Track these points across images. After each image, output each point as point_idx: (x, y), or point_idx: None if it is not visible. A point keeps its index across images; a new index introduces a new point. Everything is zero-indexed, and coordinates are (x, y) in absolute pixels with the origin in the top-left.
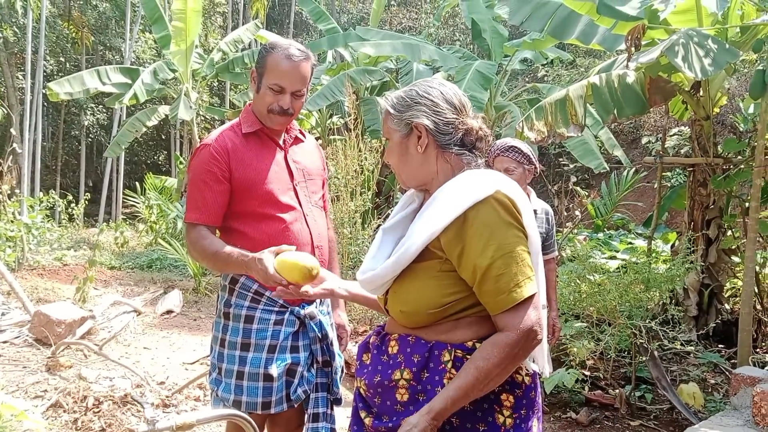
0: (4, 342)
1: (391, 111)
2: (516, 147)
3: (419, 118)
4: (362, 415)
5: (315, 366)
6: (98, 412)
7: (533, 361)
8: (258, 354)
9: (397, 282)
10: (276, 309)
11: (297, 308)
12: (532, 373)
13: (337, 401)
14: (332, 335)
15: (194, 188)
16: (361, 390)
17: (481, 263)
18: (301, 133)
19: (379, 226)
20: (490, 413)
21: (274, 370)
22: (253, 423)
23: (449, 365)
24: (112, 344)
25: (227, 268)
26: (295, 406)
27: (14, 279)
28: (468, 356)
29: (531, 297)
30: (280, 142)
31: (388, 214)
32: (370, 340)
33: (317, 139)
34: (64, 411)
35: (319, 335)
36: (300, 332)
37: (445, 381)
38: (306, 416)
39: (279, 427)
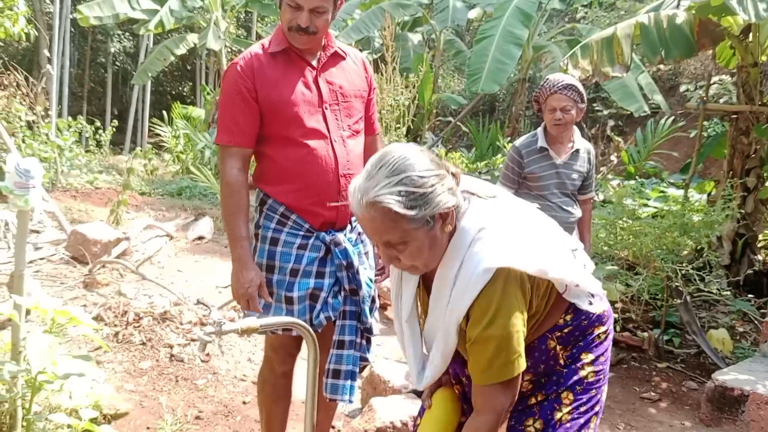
0: (42, 259)
1: (408, 214)
2: (573, 85)
3: (446, 203)
4: None
5: (342, 293)
6: (138, 326)
7: (590, 303)
8: (281, 276)
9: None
10: (302, 233)
11: (323, 234)
12: (599, 314)
13: (368, 330)
14: (359, 264)
15: (225, 109)
16: None
17: (471, 334)
18: (341, 50)
19: None
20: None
21: (296, 293)
22: (312, 333)
23: (557, 346)
24: (147, 266)
25: (229, 220)
26: (319, 331)
27: (51, 198)
28: (566, 330)
29: (504, 381)
30: (313, 62)
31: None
32: None
33: None
34: (105, 324)
35: (344, 263)
36: (327, 258)
37: (560, 361)
38: (332, 342)
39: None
